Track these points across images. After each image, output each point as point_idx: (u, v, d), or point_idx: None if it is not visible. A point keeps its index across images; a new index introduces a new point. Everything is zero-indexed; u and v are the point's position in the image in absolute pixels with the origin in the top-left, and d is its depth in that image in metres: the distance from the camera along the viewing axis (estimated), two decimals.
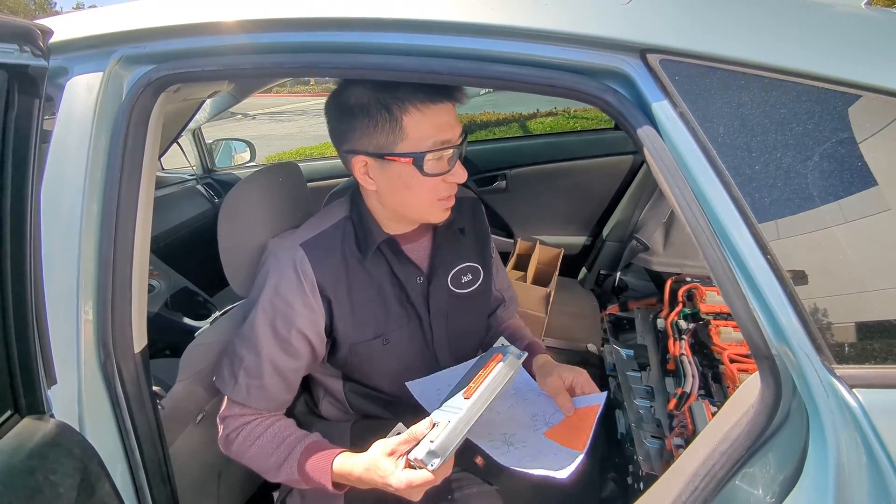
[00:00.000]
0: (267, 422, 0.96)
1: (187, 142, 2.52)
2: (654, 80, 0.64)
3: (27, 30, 0.62)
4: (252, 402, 0.94)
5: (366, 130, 0.86)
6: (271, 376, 0.94)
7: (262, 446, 0.92)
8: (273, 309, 0.92)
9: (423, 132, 0.84)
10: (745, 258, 0.61)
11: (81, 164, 0.78)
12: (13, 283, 0.70)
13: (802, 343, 0.59)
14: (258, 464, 0.93)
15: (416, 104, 0.83)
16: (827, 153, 0.61)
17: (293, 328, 0.92)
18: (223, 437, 0.96)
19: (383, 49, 0.73)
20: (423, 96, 0.83)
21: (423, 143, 0.85)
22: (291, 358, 0.94)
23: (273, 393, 0.95)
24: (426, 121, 0.84)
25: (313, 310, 0.93)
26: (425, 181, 0.86)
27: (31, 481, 0.65)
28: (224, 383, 0.95)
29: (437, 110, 0.85)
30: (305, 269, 0.91)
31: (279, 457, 0.91)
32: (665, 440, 1.22)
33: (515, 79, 0.69)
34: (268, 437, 0.93)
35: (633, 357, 1.61)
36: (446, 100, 0.85)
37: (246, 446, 0.93)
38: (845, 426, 0.59)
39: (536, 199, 2.42)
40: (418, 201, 0.90)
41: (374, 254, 0.96)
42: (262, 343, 0.92)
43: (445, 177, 0.88)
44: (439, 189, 0.89)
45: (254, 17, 0.75)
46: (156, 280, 1.87)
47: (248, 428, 0.94)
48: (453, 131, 0.87)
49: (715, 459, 0.67)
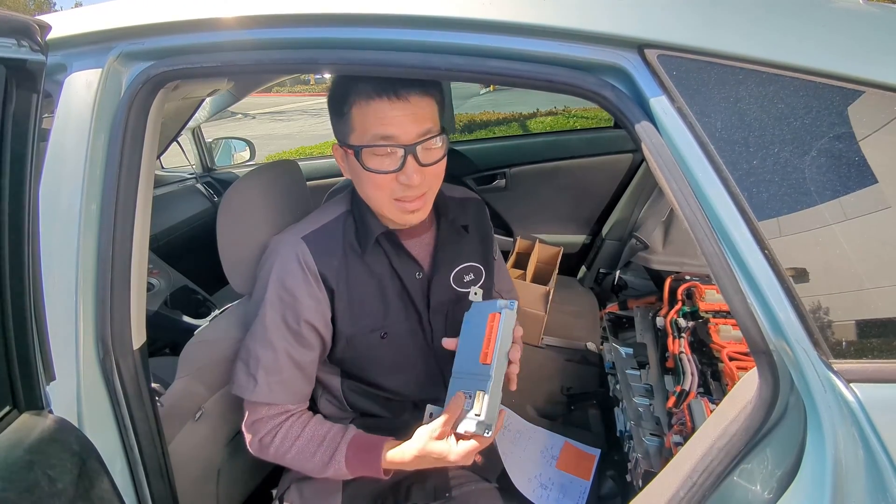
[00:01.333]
0: (300, 420, 0.97)
1: (187, 141, 2.52)
2: (652, 75, 0.64)
3: (25, 25, 0.62)
4: (276, 399, 0.95)
5: (335, 120, 0.90)
6: (290, 370, 0.95)
7: (303, 447, 0.94)
8: (281, 303, 0.92)
9: (365, 126, 0.84)
10: (743, 253, 0.61)
11: (80, 160, 0.78)
12: (12, 280, 0.70)
13: (800, 338, 0.59)
14: (300, 464, 0.95)
15: (361, 97, 0.83)
16: (825, 149, 0.61)
17: (301, 320, 0.93)
18: (256, 443, 0.97)
19: (382, 45, 0.73)
20: (369, 90, 0.82)
21: (363, 136, 0.85)
22: (306, 349, 0.95)
23: (295, 386, 0.96)
24: (368, 115, 0.84)
25: (319, 300, 0.93)
26: (370, 177, 0.86)
27: (29, 476, 0.65)
28: (242, 388, 0.95)
29: (379, 105, 0.83)
30: (308, 262, 0.92)
31: (324, 456, 0.93)
32: (664, 438, 1.22)
33: (514, 74, 0.69)
34: (306, 436, 0.95)
35: (633, 355, 1.61)
36: (389, 95, 0.82)
37: (285, 448, 0.94)
38: (843, 421, 0.59)
39: (536, 198, 2.42)
40: (373, 196, 0.89)
41: (374, 248, 0.97)
42: (275, 338, 0.93)
43: (397, 176, 0.86)
44: (392, 188, 0.87)
45: (252, 14, 0.75)
46: (155, 278, 1.87)
47: (283, 430, 0.95)
48: (399, 129, 0.83)
49: (713, 455, 0.67)
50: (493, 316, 0.89)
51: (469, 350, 0.90)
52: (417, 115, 0.84)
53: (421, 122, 0.85)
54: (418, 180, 0.85)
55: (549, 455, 1.37)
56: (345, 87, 0.85)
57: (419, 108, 0.85)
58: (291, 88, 21.59)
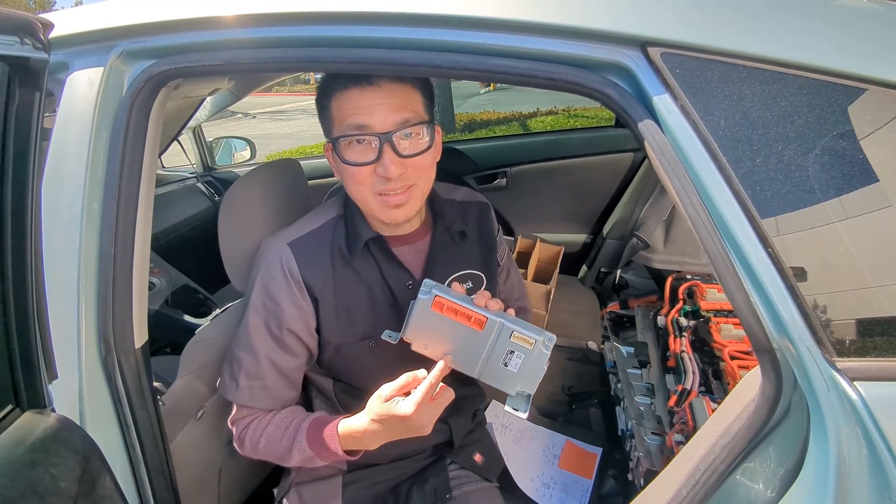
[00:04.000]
0: (270, 413, 0.97)
1: (188, 140, 2.52)
2: (656, 73, 0.64)
3: (28, 22, 0.62)
4: (257, 403, 0.95)
5: (321, 119, 0.90)
6: (273, 375, 0.94)
7: (271, 434, 0.94)
8: (265, 309, 0.92)
9: (340, 116, 0.84)
10: (746, 251, 0.61)
11: (82, 158, 0.78)
12: (14, 278, 0.70)
13: (803, 336, 0.59)
14: (272, 452, 0.94)
15: (338, 89, 0.83)
16: (828, 147, 0.61)
17: (284, 328, 0.91)
18: (237, 439, 0.97)
19: (383, 43, 0.73)
20: (345, 81, 0.82)
21: (339, 127, 0.85)
22: (289, 356, 0.94)
23: (277, 391, 0.95)
24: (343, 105, 0.83)
25: (302, 309, 0.92)
26: (349, 170, 0.85)
27: (32, 475, 0.65)
28: (226, 388, 0.95)
29: (349, 96, 0.82)
30: (292, 269, 0.90)
31: (288, 439, 0.92)
32: (665, 437, 1.22)
33: (516, 72, 0.69)
34: (274, 424, 0.95)
35: (634, 354, 1.61)
36: (361, 83, 0.81)
37: (256, 438, 0.94)
38: (846, 419, 0.58)
39: (537, 197, 2.41)
40: (355, 191, 0.88)
41: (363, 254, 0.94)
42: (257, 344, 0.92)
43: (375, 167, 0.84)
44: (372, 182, 0.85)
45: (254, 12, 0.74)
46: (156, 278, 1.87)
47: (254, 423, 0.95)
48: (373, 117, 0.81)
49: (716, 454, 0.67)
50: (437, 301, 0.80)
51: (458, 342, 0.82)
52: (393, 104, 0.82)
53: (398, 110, 0.82)
54: (396, 172, 0.82)
55: (550, 454, 1.38)
56: (326, 81, 0.86)
57: (394, 96, 0.82)
58: (291, 88, 21.57)
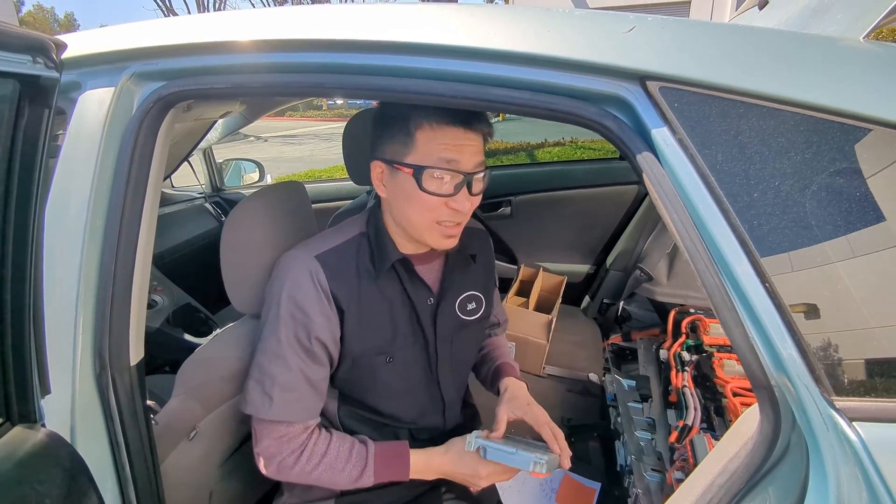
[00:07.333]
0: (322, 438, 0.98)
1: (198, 161, 2.56)
2: (654, 106, 0.65)
3: (41, 42, 0.63)
4: (293, 417, 0.95)
5: (387, 139, 0.91)
6: (304, 387, 0.95)
7: (331, 462, 0.96)
8: (293, 320, 0.92)
9: (430, 149, 0.87)
10: (744, 286, 0.60)
11: (89, 175, 0.79)
12: (13, 291, 0.70)
13: (801, 374, 0.58)
14: (327, 479, 0.97)
15: (431, 122, 0.86)
16: (828, 185, 0.61)
17: (313, 337, 0.93)
18: (275, 464, 0.96)
19: (390, 71, 0.74)
20: (439, 117, 0.86)
21: (427, 158, 0.87)
22: (318, 366, 0.96)
23: (309, 403, 0.97)
24: (435, 139, 0.87)
25: (329, 318, 0.94)
26: (423, 197, 0.88)
27: (17, 490, 0.64)
28: (258, 407, 0.94)
29: (448, 132, 0.87)
30: (321, 280, 0.92)
31: (353, 471, 0.96)
32: (666, 474, 1.19)
33: (517, 102, 0.70)
34: (332, 454, 0.97)
35: (635, 388, 1.59)
36: (459, 125, 0.87)
37: (311, 466, 0.95)
38: (846, 460, 0.57)
39: (541, 226, 2.42)
40: (417, 218, 0.91)
41: (387, 272, 0.98)
42: (289, 356, 0.93)
43: (448, 201, 0.89)
44: (440, 212, 0.90)
45: (264, 38, 0.77)
46: (159, 295, 1.88)
47: (307, 449, 0.96)
48: (463, 156, 0.88)
49: (713, 493, 0.66)
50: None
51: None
52: (478, 148, 0.91)
53: (479, 154, 0.91)
54: (468, 207, 0.91)
55: (548, 488, 1.35)
56: (415, 109, 0.88)
57: (480, 142, 0.91)
58: (304, 113, 21.94)
